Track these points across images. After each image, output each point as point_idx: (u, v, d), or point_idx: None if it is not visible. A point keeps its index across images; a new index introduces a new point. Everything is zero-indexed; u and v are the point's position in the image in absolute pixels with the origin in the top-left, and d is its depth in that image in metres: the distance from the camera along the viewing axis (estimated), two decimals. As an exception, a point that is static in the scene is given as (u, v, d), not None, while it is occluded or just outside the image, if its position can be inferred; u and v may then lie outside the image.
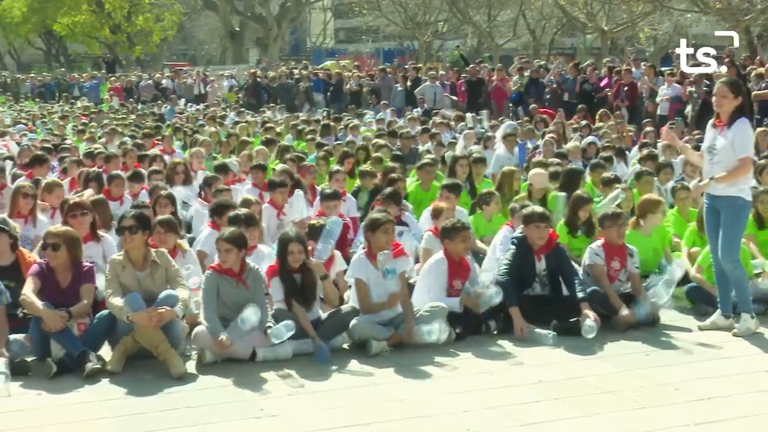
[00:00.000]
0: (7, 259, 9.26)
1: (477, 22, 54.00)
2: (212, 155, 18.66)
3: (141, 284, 8.60)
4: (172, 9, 71.54)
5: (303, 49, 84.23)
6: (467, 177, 14.27)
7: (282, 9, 65.73)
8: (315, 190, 14.03)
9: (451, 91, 30.93)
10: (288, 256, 8.96)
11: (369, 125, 24.67)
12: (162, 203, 11.67)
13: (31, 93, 47.70)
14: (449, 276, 9.47)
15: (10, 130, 24.92)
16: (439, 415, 7.23)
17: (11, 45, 78.88)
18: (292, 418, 7.23)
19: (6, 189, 13.09)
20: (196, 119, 29.33)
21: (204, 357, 8.47)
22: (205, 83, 43.01)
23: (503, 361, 8.60)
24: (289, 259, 8.95)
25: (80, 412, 7.38)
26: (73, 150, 19.15)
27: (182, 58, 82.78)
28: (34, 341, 8.45)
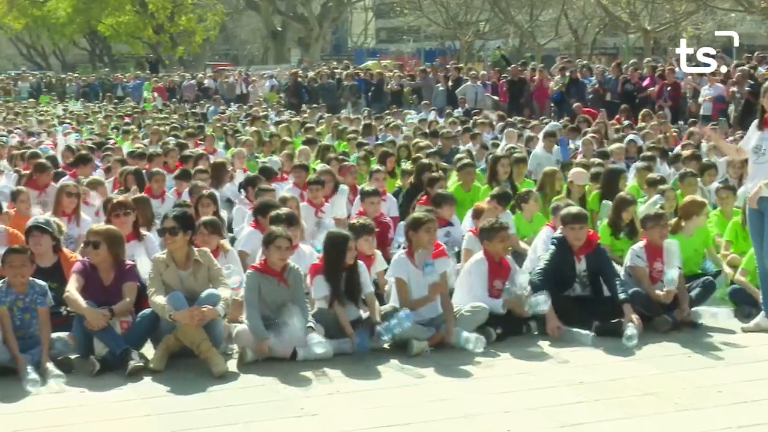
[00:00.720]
0: (49, 260, 9.34)
1: (519, 21, 53.80)
2: (254, 155, 18.75)
3: (183, 283, 8.65)
4: (215, 9, 71.80)
5: (344, 49, 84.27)
6: (508, 177, 14.24)
7: (324, 9, 65.85)
8: (356, 189, 14.05)
9: (492, 91, 30.86)
10: (347, 253, 8.98)
11: (410, 125, 24.65)
12: (204, 203, 11.71)
13: (76, 93, 48.04)
14: (489, 276, 9.45)
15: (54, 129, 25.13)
16: (479, 416, 7.22)
17: (56, 45, 79.45)
18: (332, 417, 7.24)
19: (50, 187, 13.22)
20: (237, 119, 29.45)
21: (245, 356, 8.51)
22: (247, 83, 43.14)
23: (544, 362, 8.57)
24: (347, 256, 8.98)
25: (123, 410, 7.44)
26: (116, 149, 19.28)
27: (224, 58, 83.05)
28: (77, 339, 8.53)
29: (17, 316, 8.44)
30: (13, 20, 70.67)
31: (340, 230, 9.48)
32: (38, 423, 7.17)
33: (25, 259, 8.52)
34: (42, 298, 8.51)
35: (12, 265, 8.45)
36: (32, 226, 9.48)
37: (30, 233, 9.41)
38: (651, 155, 15.93)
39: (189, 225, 8.91)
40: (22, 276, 8.46)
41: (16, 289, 8.46)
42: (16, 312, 8.44)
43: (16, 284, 8.46)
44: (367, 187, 12.41)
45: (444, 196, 12.04)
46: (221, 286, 8.72)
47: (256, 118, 27.02)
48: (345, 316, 8.84)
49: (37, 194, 13.24)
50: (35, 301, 8.48)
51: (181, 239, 8.74)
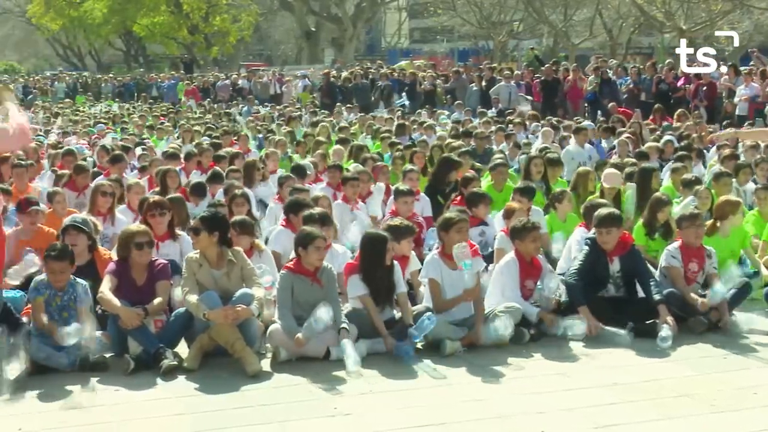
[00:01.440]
0: (83, 258, 9.41)
1: (553, 21, 53.67)
2: (287, 155, 18.78)
3: (217, 283, 8.66)
4: (249, 9, 72.10)
5: (378, 49, 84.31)
6: (542, 177, 14.19)
7: (357, 9, 65.91)
8: (389, 190, 14.04)
9: (526, 91, 30.76)
10: (387, 254, 8.99)
11: (443, 125, 24.62)
12: (238, 203, 11.75)
13: (111, 93, 48.37)
14: (521, 276, 9.42)
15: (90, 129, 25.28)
16: (513, 416, 7.19)
17: (92, 46, 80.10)
18: (365, 417, 7.24)
19: (88, 189, 13.30)
20: (271, 119, 29.52)
21: (279, 355, 8.53)
22: (280, 83, 43.27)
23: (578, 363, 8.54)
24: (387, 257, 8.99)
25: (156, 408, 7.47)
26: (151, 149, 19.37)
27: (258, 59, 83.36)
28: (111, 338, 8.58)
29: (54, 312, 8.50)
30: (50, 21, 71.34)
31: (378, 231, 9.44)
32: (73, 421, 7.22)
33: (65, 266, 8.57)
34: (83, 297, 8.57)
35: (52, 271, 8.53)
36: (69, 225, 9.56)
37: (66, 232, 9.49)
38: (686, 155, 15.82)
39: (216, 225, 8.82)
40: (61, 281, 8.52)
41: (56, 285, 8.53)
42: (53, 308, 8.50)
43: (56, 284, 8.53)
44: (402, 187, 12.40)
45: (479, 195, 12.02)
46: (255, 285, 8.73)
47: (291, 118, 27.07)
48: (379, 317, 8.84)
49: (75, 196, 13.33)
50: (74, 300, 8.53)
51: (206, 239, 8.72)
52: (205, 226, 8.73)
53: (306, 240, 8.80)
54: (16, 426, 7.07)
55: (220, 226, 8.86)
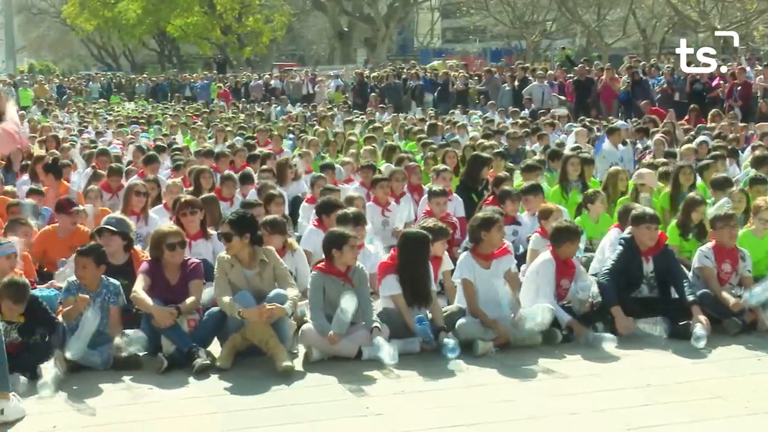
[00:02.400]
0: (120, 258, 9.47)
1: (586, 21, 53.47)
2: (320, 155, 18.81)
3: (250, 283, 8.67)
4: (282, 10, 72.26)
5: (410, 49, 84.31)
6: (579, 176, 14.14)
7: (390, 9, 65.95)
8: (421, 190, 14.05)
9: (559, 91, 30.67)
10: (428, 253, 9.00)
11: (476, 125, 24.58)
12: (278, 202, 11.80)
13: (145, 93, 48.64)
14: (557, 276, 9.39)
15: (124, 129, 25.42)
16: (545, 417, 7.17)
17: (126, 46, 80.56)
18: (397, 417, 7.24)
19: (121, 191, 13.39)
20: (304, 119, 29.59)
21: (311, 355, 8.54)
22: (313, 83, 43.37)
23: (611, 364, 8.49)
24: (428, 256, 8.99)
25: (189, 407, 7.50)
26: (185, 149, 19.45)
27: (291, 59, 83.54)
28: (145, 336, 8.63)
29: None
30: (85, 21, 71.80)
31: (418, 230, 9.41)
32: (106, 419, 7.26)
33: (87, 261, 8.62)
34: (115, 298, 8.65)
35: (84, 266, 8.61)
36: (102, 227, 9.63)
37: (100, 234, 9.56)
38: (719, 154, 15.70)
39: (245, 227, 8.77)
40: (86, 278, 8.57)
41: (88, 287, 8.59)
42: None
43: (86, 284, 8.59)
44: (435, 187, 12.39)
45: (509, 192, 12.02)
46: (289, 286, 8.74)
47: (323, 118, 27.11)
48: (411, 316, 8.83)
49: (109, 196, 13.42)
50: (107, 300, 8.59)
51: (238, 243, 8.69)
52: (235, 230, 8.70)
53: (339, 240, 8.79)
54: (51, 423, 7.12)
55: (249, 226, 8.83)
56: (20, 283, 8.18)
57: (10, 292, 8.05)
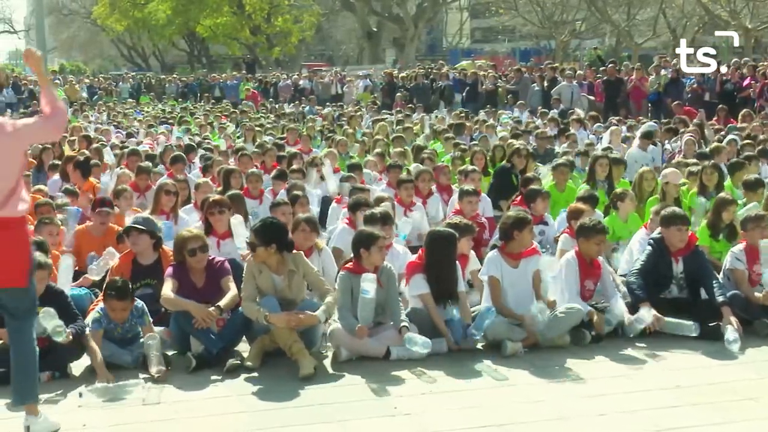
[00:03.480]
0: (149, 258, 9.51)
1: (616, 20, 53.24)
2: (348, 154, 18.82)
3: (277, 288, 8.64)
4: (311, 10, 72.36)
5: (439, 49, 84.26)
6: (606, 176, 14.09)
7: (419, 9, 65.91)
8: (450, 189, 14.04)
9: (588, 91, 30.56)
10: (455, 251, 8.99)
11: (505, 125, 24.53)
12: (302, 202, 11.83)
13: (175, 93, 48.80)
14: (581, 276, 9.36)
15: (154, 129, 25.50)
16: (573, 418, 7.16)
17: (156, 47, 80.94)
18: (425, 417, 7.24)
19: (151, 191, 13.45)
20: (333, 118, 29.61)
21: (339, 355, 8.55)
22: (342, 83, 43.40)
23: (640, 365, 8.46)
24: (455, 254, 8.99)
25: (218, 407, 7.53)
26: (214, 149, 19.50)
27: (320, 59, 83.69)
28: (174, 336, 8.67)
29: (117, 336, 8.54)
30: (115, 22, 72.15)
31: (445, 228, 9.40)
32: (136, 417, 7.30)
33: (126, 304, 8.49)
34: (141, 319, 8.57)
35: (113, 309, 8.47)
36: (129, 226, 9.67)
37: (128, 233, 9.60)
38: (752, 155, 15.60)
39: (270, 236, 8.65)
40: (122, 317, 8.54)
41: (115, 318, 8.55)
42: (115, 336, 8.54)
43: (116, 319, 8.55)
44: (466, 187, 12.38)
45: (537, 191, 12.03)
46: (324, 292, 8.69)
47: (351, 118, 27.13)
48: (439, 316, 8.83)
49: (137, 196, 13.48)
50: (135, 325, 8.55)
51: (263, 252, 8.60)
52: (259, 240, 8.61)
53: (368, 240, 8.80)
54: (80, 422, 7.16)
55: (275, 235, 8.69)
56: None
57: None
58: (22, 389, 6.83)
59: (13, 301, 6.78)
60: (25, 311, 6.82)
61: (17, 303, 6.78)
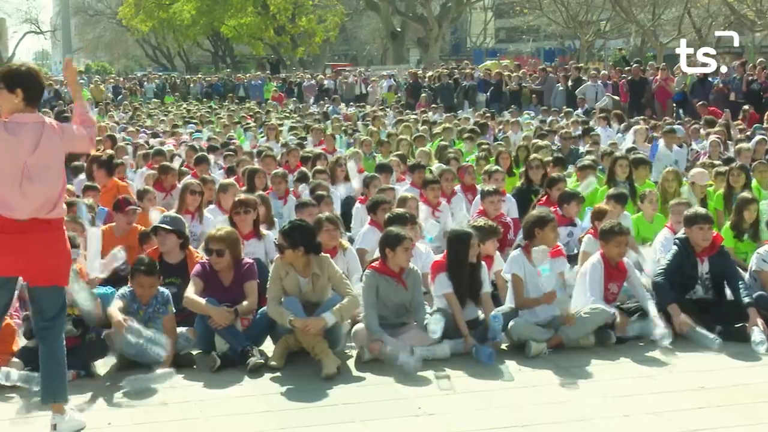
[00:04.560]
0: (176, 257, 9.56)
1: (641, 20, 53.01)
2: (372, 154, 18.82)
3: (302, 290, 8.66)
4: (335, 10, 72.47)
5: (463, 49, 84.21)
6: (627, 177, 14.04)
7: (443, 9, 65.86)
8: (475, 189, 14.01)
9: (613, 91, 30.47)
10: (469, 251, 8.98)
11: (528, 126, 24.49)
12: (326, 201, 11.86)
13: (199, 93, 48.98)
14: (605, 279, 9.33)
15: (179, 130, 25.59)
16: (597, 419, 7.15)
17: (181, 47, 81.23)
18: (449, 417, 7.24)
19: (176, 190, 13.50)
20: (357, 118, 29.64)
21: (363, 354, 8.56)
22: (366, 83, 43.46)
23: (664, 366, 8.43)
24: (470, 254, 8.98)
25: (242, 406, 7.55)
26: (239, 149, 19.54)
27: (344, 59, 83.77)
28: (198, 335, 8.70)
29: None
30: (140, 23, 72.48)
31: (463, 228, 9.40)
32: (161, 416, 7.33)
33: (154, 280, 8.65)
34: (164, 308, 8.64)
35: (141, 285, 8.60)
36: (157, 226, 9.72)
37: (155, 233, 9.65)
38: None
39: (298, 239, 8.67)
40: (148, 296, 8.63)
41: (140, 300, 8.62)
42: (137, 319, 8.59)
43: (141, 298, 8.63)
44: (488, 187, 12.36)
45: (571, 194, 11.98)
46: (345, 294, 8.67)
47: (375, 118, 27.13)
48: (462, 316, 8.83)
49: (163, 196, 13.52)
50: (158, 311, 8.62)
51: (290, 254, 8.63)
52: (287, 242, 8.65)
53: (394, 241, 8.81)
54: (106, 420, 7.20)
55: (303, 237, 8.71)
56: None
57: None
58: (51, 388, 6.87)
59: (48, 301, 6.84)
60: (57, 311, 6.88)
61: (51, 302, 6.84)
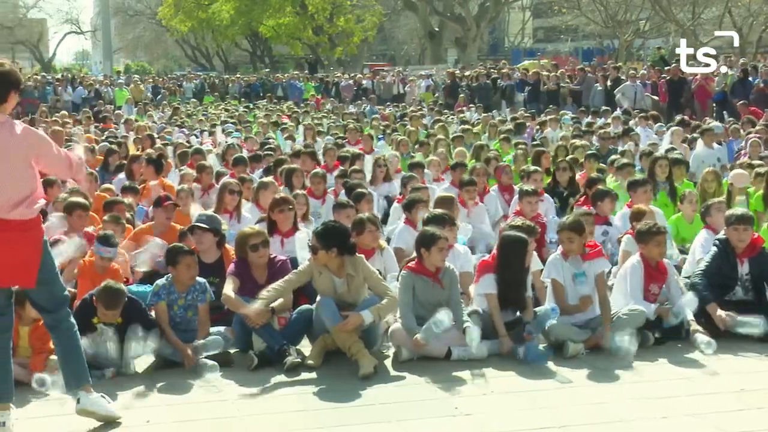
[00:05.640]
0: (212, 256, 9.61)
1: (680, 19, 52.64)
2: (410, 154, 18.81)
3: (337, 290, 8.65)
4: (373, 10, 72.54)
5: (501, 49, 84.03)
6: (666, 177, 13.96)
7: (481, 9, 65.74)
8: (512, 189, 13.99)
9: (652, 91, 30.29)
10: (525, 257, 8.96)
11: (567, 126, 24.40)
12: (368, 199, 11.87)
13: (238, 93, 49.18)
14: (645, 280, 9.26)
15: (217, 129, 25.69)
16: (635, 421, 7.10)
17: (220, 47, 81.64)
18: (486, 417, 7.21)
19: (213, 189, 13.56)
20: (394, 118, 29.64)
21: (400, 354, 8.56)
22: (403, 83, 43.45)
23: (703, 368, 8.36)
24: (526, 260, 8.97)
25: (279, 404, 7.57)
26: (276, 148, 19.60)
27: (382, 59, 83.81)
28: (236, 334, 8.73)
29: (178, 314, 8.69)
30: (180, 23, 72.94)
31: (518, 233, 9.23)
32: (198, 415, 7.36)
33: (194, 260, 8.81)
34: (202, 296, 8.75)
35: (189, 265, 8.73)
36: (194, 225, 9.78)
37: (192, 231, 9.70)
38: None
39: (332, 240, 8.65)
40: (192, 278, 8.71)
41: (179, 288, 8.71)
42: (177, 310, 8.69)
43: (180, 283, 8.70)
44: (526, 187, 12.31)
45: (606, 192, 11.93)
46: (383, 294, 8.65)
47: (413, 118, 27.12)
48: (500, 317, 8.80)
49: (200, 195, 13.59)
50: (196, 299, 8.71)
51: (324, 256, 8.61)
52: (321, 243, 8.63)
53: (429, 241, 8.78)
54: (144, 418, 7.24)
55: (336, 239, 8.70)
56: (114, 289, 8.29)
57: (104, 298, 8.20)
58: (74, 373, 6.98)
59: (40, 297, 6.96)
60: (56, 304, 6.97)
61: (44, 298, 6.94)
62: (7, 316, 6.95)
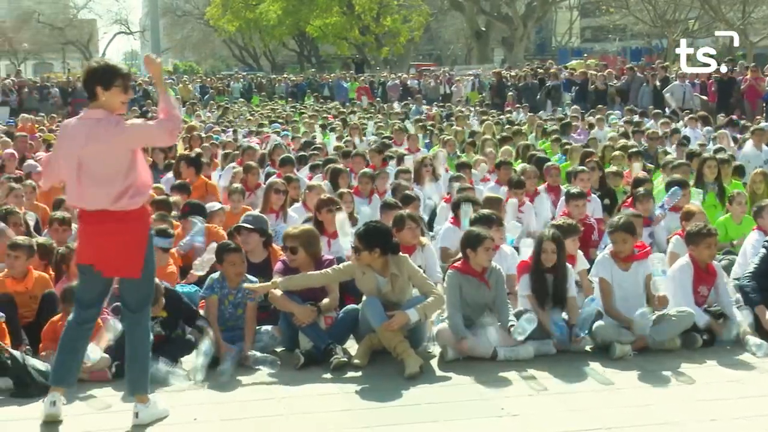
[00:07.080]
0: (259, 256, 9.67)
1: (730, 19, 52.12)
2: (456, 154, 18.78)
3: (381, 290, 8.66)
4: (420, 10, 72.54)
5: (548, 49, 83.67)
6: (715, 178, 13.84)
7: (528, 8, 65.47)
8: (559, 190, 13.92)
9: (700, 91, 30.01)
10: (541, 255, 8.94)
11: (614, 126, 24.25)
12: (415, 205, 11.88)
13: (285, 93, 49.37)
14: (695, 282, 9.19)
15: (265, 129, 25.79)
16: (683, 423, 7.05)
17: (267, 47, 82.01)
18: (532, 418, 7.20)
19: (259, 189, 13.61)
20: (440, 118, 29.60)
21: (446, 354, 8.55)
22: (450, 83, 43.39)
23: (753, 370, 8.27)
24: (542, 258, 8.94)
25: (325, 403, 7.58)
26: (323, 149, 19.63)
27: (428, 58, 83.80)
28: (283, 333, 8.78)
29: (227, 310, 8.78)
30: (227, 23, 73.40)
31: (544, 230, 9.35)
32: (244, 413, 7.40)
33: (241, 257, 8.90)
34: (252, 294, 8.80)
35: (234, 263, 8.81)
36: (240, 225, 9.85)
37: (239, 232, 9.77)
38: None
39: (374, 240, 8.67)
40: (239, 274, 8.78)
41: (230, 284, 8.79)
42: (227, 306, 8.78)
43: (232, 279, 8.78)
44: (573, 189, 12.25)
45: (644, 193, 11.87)
46: (429, 293, 8.65)
47: (459, 118, 27.07)
48: (546, 317, 8.77)
49: (247, 195, 13.65)
50: (246, 296, 8.76)
51: (367, 257, 8.64)
52: (363, 244, 8.66)
53: (475, 241, 8.77)
54: (191, 416, 7.30)
55: (378, 239, 8.71)
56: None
57: None
58: (133, 380, 7.05)
59: (130, 293, 6.98)
60: (141, 304, 7.01)
61: (133, 295, 6.97)
62: (97, 308, 7.07)
